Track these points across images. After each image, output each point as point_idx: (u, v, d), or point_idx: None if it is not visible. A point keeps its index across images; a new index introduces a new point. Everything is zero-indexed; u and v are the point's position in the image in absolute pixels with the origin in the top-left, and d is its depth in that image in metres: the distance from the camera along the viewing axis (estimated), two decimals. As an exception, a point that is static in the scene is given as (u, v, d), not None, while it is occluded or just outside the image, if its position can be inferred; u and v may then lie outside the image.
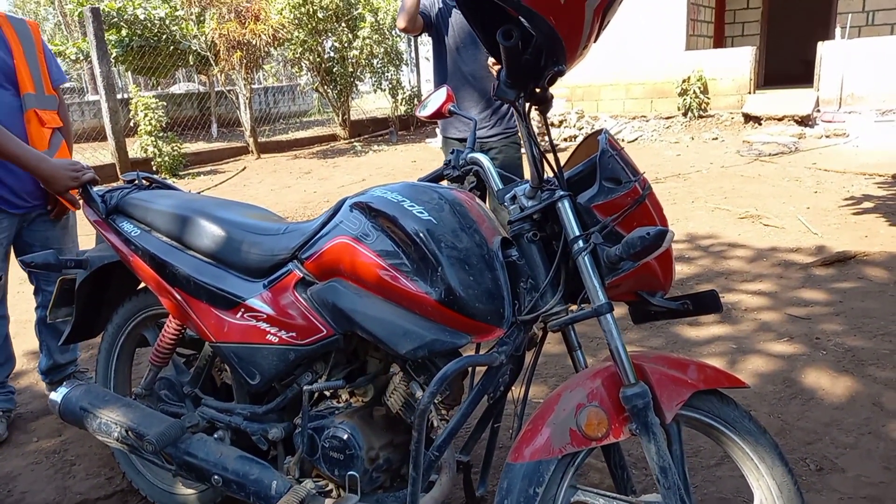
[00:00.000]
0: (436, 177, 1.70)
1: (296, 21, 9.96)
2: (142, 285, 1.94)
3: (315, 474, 1.57)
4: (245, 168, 9.05)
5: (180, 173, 8.62)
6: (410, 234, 1.37)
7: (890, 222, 4.55)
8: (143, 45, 10.56)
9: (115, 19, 10.22)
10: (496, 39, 1.22)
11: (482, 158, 1.56)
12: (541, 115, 1.36)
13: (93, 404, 1.73)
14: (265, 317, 1.56)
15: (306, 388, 1.53)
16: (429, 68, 7.62)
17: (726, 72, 9.87)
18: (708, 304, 1.41)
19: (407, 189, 1.48)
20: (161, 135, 8.63)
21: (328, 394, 1.60)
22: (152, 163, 8.52)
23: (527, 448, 1.27)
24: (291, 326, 1.53)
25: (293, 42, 10.21)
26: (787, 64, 12.01)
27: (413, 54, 12.93)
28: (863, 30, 10.48)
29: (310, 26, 10.18)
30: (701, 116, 9.84)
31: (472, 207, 1.48)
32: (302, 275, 1.53)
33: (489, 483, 1.62)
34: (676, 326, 3.08)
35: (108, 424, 1.68)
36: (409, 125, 12.37)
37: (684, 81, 9.81)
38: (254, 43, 9.16)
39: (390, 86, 11.94)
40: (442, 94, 1.78)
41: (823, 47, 9.02)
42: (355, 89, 11.90)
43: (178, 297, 1.68)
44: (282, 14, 9.72)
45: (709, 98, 9.90)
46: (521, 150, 3.35)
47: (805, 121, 8.79)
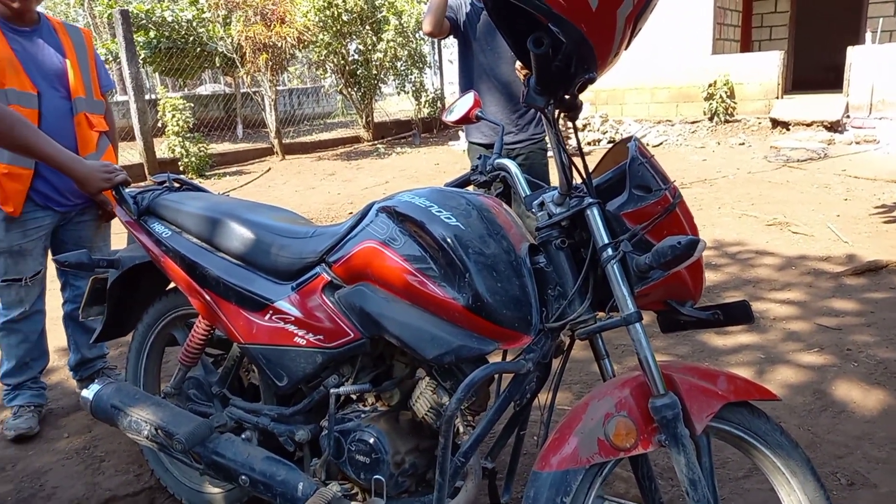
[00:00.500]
0: (463, 182, 1.71)
1: (321, 24, 10.04)
2: (171, 286, 1.97)
3: (341, 477, 1.58)
4: (270, 169, 9.13)
5: (206, 174, 8.72)
6: (438, 239, 1.38)
7: (923, 231, 4.46)
8: (170, 47, 10.71)
9: (144, 21, 10.38)
10: (526, 46, 1.22)
11: (510, 164, 1.56)
12: (570, 122, 1.36)
13: (124, 402, 1.75)
14: (293, 319, 1.57)
15: (333, 391, 1.54)
16: (452, 71, 7.63)
17: (753, 76, 9.75)
18: (739, 314, 1.40)
19: (435, 194, 1.48)
20: (188, 135, 8.75)
21: (354, 397, 1.60)
22: (179, 163, 8.63)
23: (554, 457, 1.26)
24: (319, 329, 1.54)
25: (318, 44, 10.29)
26: (815, 68, 11.84)
27: (436, 56, 12.96)
28: (894, 34, 10.30)
29: (334, 29, 10.26)
30: (727, 121, 9.73)
31: (499, 213, 1.47)
32: (330, 278, 1.54)
33: (513, 490, 1.61)
34: (703, 335, 3.05)
35: (138, 422, 1.70)
36: (432, 127, 12.39)
37: (710, 86, 9.71)
38: (279, 45, 9.24)
39: (413, 88, 11.97)
40: (469, 99, 1.78)
41: (853, 52, 8.87)
42: (379, 91, 11.95)
43: (208, 297, 1.70)
44: (307, 17, 9.80)
45: (735, 103, 9.78)
46: (547, 156, 3.33)
47: (834, 126, 8.65)
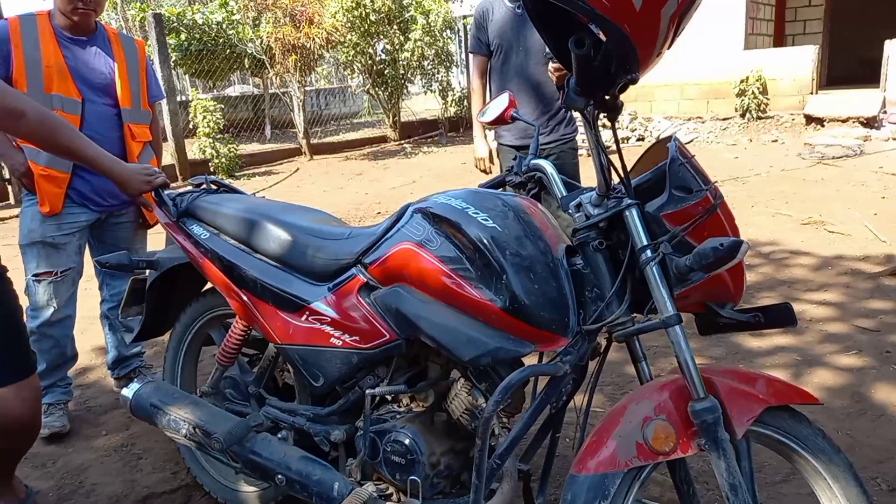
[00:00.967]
0: (498, 183, 1.70)
1: (349, 24, 10.10)
2: (208, 286, 2.00)
3: (376, 477, 1.59)
4: (298, 169, 9.21)
5: (236, 174, 8.83)
6: (474, 240, 1.38)
7: (965, 230, 4.34)
8: (201, 49, 10.84)
9: (175, 24, 10.54)
10: (564, 47, 1.21)
11: (546, 165, 1.56)
12: (609, 123, 1.34)
13: (163, 401, 1.79)
14: (329, 320, 1.58)
15: (369, 391, 1.55)
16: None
17: (787, 71, 9.55)
18: (781, 317, 1.38)
19: (471, 196, 1.48)
20: (218, 137, 8.86)
21: (389, 398, 1.61)
22: (210, 164, 8.75)
23: (591, 460, 1.25)
24: (355, 330, 1.55)
25: (346, 45, 10.35)
26: (850, 63, 11.56)
27: (463, 56, 12.94)
28: (934, 27, 10.02)
29: (362, 29, 10.31)
30: (760, 118, 9.55)
31: (535, 214, 1.47)
32: (366, 279, 1.55)
33: (548, 492, 1.60)
34: (738, 336, 3.00)
35: (176, 421, 1.73)
36: (459, 126, 12.38)
37: (742, 82, 9.54)
38: (308, 46, 9.31)
39: (440, 87, 11.97)
40: (504, 99, 1.77)
41: (891, 45, 8.65)
42: (405, 91, 11.99)
43: (245, 298, 1.72)
44: (335, 17, 9.87)
45: (768, 99, 9.60)
46: (577, 156, 3.31)
47: (871, 122, 8.44)
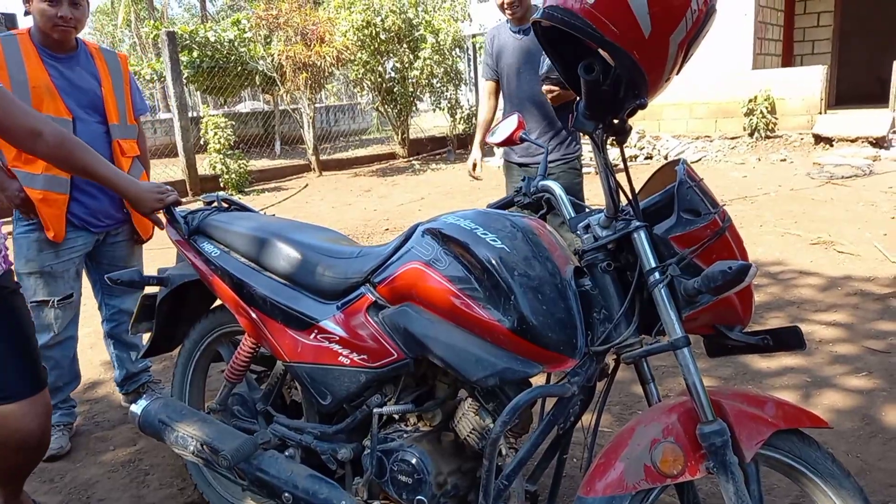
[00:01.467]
0: (506, 203, 1.71)
1: (359, 42, 10.21)
2: (217, 303, 2.01)
3: (383, 497, 1.58)
4: (307, 185, 9.27)
5: (245, 190, 8.89)
6: (483, 261, 1.38)
7: (976, 251, 4.31)
8: (212, 66, 10.99)
9: (188, 41, 10.69)
10: (573, 72, 1.23)
11: (554, 186, 1.57)
12: (619, 146, 1.36)
13: (171, 418, 1.79)
14: (338, 339, 1.59)
15: (376, 410, 1.55)
16: (489, 88, 7.65)
17: (795, 91, 9.58)
18: (790, 340, 1.38)
19: (479, 216, 1.49)
20: (229, 152, 8.93)
21: (397, 417, 1.61)
22: (220, 179, 8.82)
23: (599, 482, 1.25)
24: (363, 349, 1.56)
25: (356, 63, 10.45)
26: (859, 83, 11.59)
27: (472, 74, 13.05)
28: (943, 47, 10.03)
29: (372, 47, 10.42)
30: (768, 137, 9.56)
31: (544, 235, 1.48)
32: (374, 298, 1.56)
33: (556, 514, 1.60)
34: (747, 357, 2.98)
35: (184, 438, 1.74)
36: (467, 143, 12.42)
37: (751, 101, 9.56)
38: (318, 64, 9.42)
39: (449, 105, 12.06)
40: (513, 121, 1.79)
41: (900, 66, 8.67)
42: (414, 108, 12.07)
43: (255, 316, 1.73)
44: (346, 36, 9.98)
45: (776, 118, 9.61)
46: (581, 175, 3.32)
47: (880, 142, 8.43)
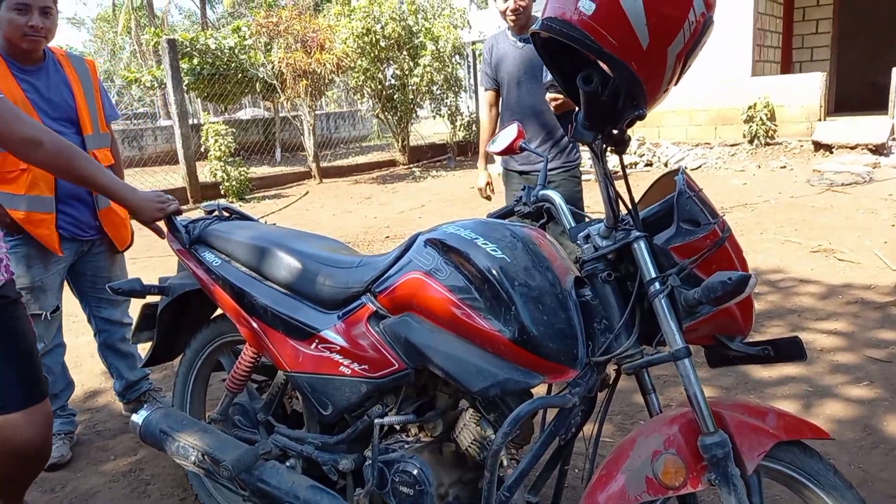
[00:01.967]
0: (506, 213, 1.72)
1: (359, 50, 10.24)
2: (218, 312, 2.01)
3: (384, 508, 1.58)
4: (307, 192, 9.28)
5: (246, 197, 8.90)
6: (483, 271, 1.39)
7: (976, 259, 4.31)
8: (213, 73, 11.01)
9: (188, 49, 10.72)
10: (572, 82, 1.24)
11: (554, 196, 1.57)
12: (618, 156, 1.36)
13: (172, 428, 1.79)
14: (339, 349, 1.59)
15: (377, 420, 1.55)
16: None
17: (795, 98, 9.60)
18: (790, 351, 1.37)
19: (480, 226, 1.50)
20: (229, 160, 8.95)
21: (398, 427, 1.61)
22: (220, 187, 8.83)
23: (601, 494, 1.25)
24: (364, 359, 1.56)
25: (356, 70, 10.49)
26: (858, 90, 11.60)
27: (472, 81, 13.07)
28: (942, 54, 10.06)
29: (372, 55, 10.45)
30: (768, 144, 9.57)
31: (544, 245, 1.48)
32: (375, 308, 1.56)
33: (557, 524, 1.59)
34: (748, 366, 2.97)
35: (185, 448, 1.73)
36: (467, 151, 12.46)
37: (750, 108, 9.59)
38: (318, 71, 9.45)
39: (449, 112, 12.08)
40: (513, 130, 1.79)
41: (899, 73, 8.68)
42: (414, 115, 12.10)
43: (255, 325, 1.73)
44: (346, 43, 10.02)
45: (776, 125, 9.63)
46: (580, 184, 3.32)
47: (880, 149, 8.43)
